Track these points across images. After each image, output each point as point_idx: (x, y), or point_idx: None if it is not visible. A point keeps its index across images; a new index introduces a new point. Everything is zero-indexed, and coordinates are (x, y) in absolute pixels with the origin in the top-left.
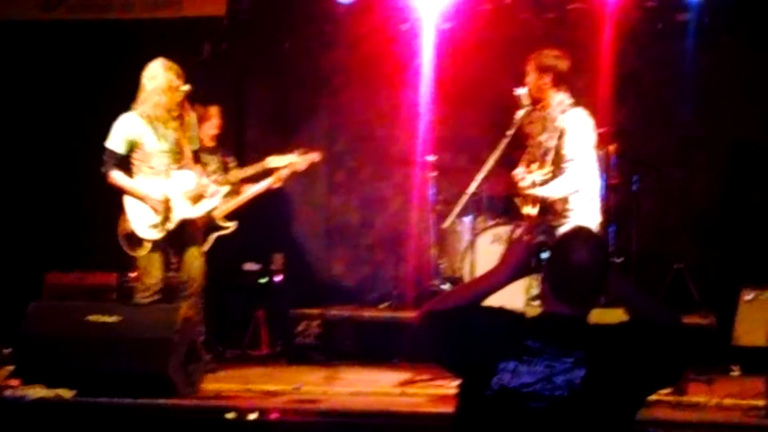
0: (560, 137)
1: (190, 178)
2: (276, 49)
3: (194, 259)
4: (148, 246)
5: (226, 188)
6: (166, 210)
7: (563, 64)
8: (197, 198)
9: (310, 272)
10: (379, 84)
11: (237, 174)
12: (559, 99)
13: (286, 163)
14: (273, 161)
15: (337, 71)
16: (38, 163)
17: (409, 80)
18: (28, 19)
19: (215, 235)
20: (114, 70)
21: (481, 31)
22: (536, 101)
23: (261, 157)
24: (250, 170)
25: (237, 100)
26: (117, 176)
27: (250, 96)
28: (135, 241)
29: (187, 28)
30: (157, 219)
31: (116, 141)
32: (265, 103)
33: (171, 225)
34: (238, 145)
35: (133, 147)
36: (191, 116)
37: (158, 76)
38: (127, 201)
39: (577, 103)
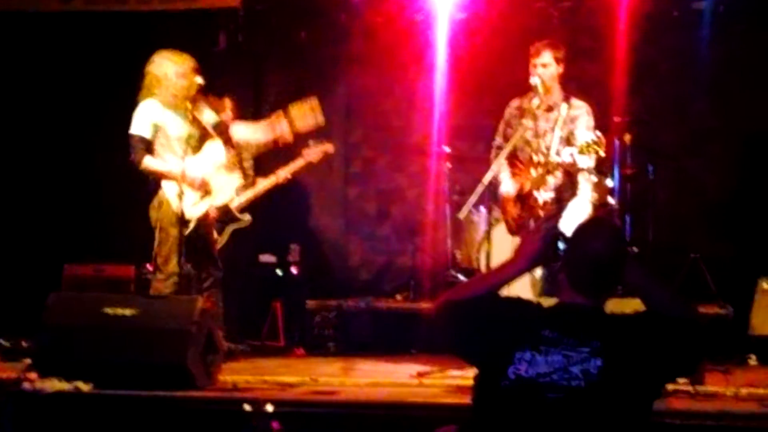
0: (570, 123)
1: (219, 150)
2: (292, 40)
3: (209, 256)
4: (193, 224)
5: (240, 180)
6: (204, 185)
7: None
8: (233, 166)
9: (326, 263)
10: (395, 74)
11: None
12: (558, 89)
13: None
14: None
15: (352, 61)
16: (57, 154)
17: (424, 70)
18: (46, 10)
19: (231, 228)
20: (130, 62)
21: (497, 20)
22: (545, 91)
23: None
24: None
25: (253, 91)
26: (150, 162)
27: (267, 86)
28: (184, 222)
29: (203, 19)
30: (197, 196)
31: (142, 126)
32: (281, 94)
33: (211, 199)
34: None
35: (156, 132)
36: (201, 105)
37: (169, 66)
38: (167, 187)
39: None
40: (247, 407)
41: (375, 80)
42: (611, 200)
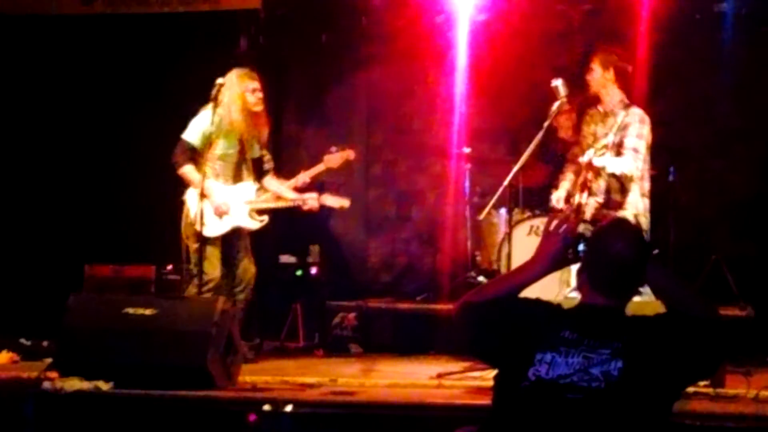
0: (622, 130)
1: (251, 189)
2: (313, 42)
3: (247, 270)
4: (202, 240)
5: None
6: (224, 214)
7: (625, 62)
8: (254, 209)
9: (346, 264)
10: (416, 76)
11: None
12: (619, 96)
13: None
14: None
15: (373, 64)
16: (78, 156)
17: (445, 72)
18: (68, 13)
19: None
20: (151, 64)
21: (518, 23)
22: (594, 96)
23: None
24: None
25: (274, 94)
26: (189, 170)
27: (288, 89)
28: (195, 234)
29: (224, 21)
30: (214, 219)
31: (194, 134)
32: (302, 97)
33: (225, 228)
34: (275, 139)
35: (206, 144)
36: (259, 127)
37: (234, 84)
38: (190, 196)
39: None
40: (266, 407)
41: (396, 83)
42: None
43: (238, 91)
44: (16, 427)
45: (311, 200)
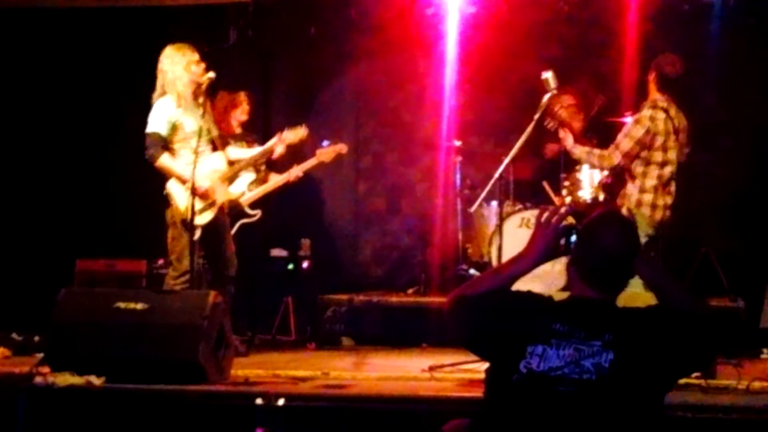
0: None
1: (221, 160)
2: (301, 35)
3: (231, 248)
4: (198, 231)
5: (252, 175)
6: (209, 195)
7: (669, 69)
8: (232, 179)
9: (337, 258)
10: (405, 69)
11: (255, 155)
12: (653, 96)
13: (299, 137)
14: (287, 136)
15: (362, 56)
16: (69, 151)
17: (434, 65)
18: (52, 7)
19: (240, 222)
20: (140, 58)
21: (507, 15)
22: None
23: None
24: (265, 147)
25: (263, 86)
26: (165, 160)
27: (276, 82)
28: (189, 226)
29: (213, 14)
30: (202, 204)
31: (159, 123)
32: (291, 89)
33: (215, 210)
34: (264, 132)
35: (173, 129)
36: (209, 103)
37: (177, 60)
38: (173, 187)
39: (666, 107)
40: (258, 401)
41: (385, 75)
42: None
43: (183, 63)
44: (8, 423)
45: (278, 147)
